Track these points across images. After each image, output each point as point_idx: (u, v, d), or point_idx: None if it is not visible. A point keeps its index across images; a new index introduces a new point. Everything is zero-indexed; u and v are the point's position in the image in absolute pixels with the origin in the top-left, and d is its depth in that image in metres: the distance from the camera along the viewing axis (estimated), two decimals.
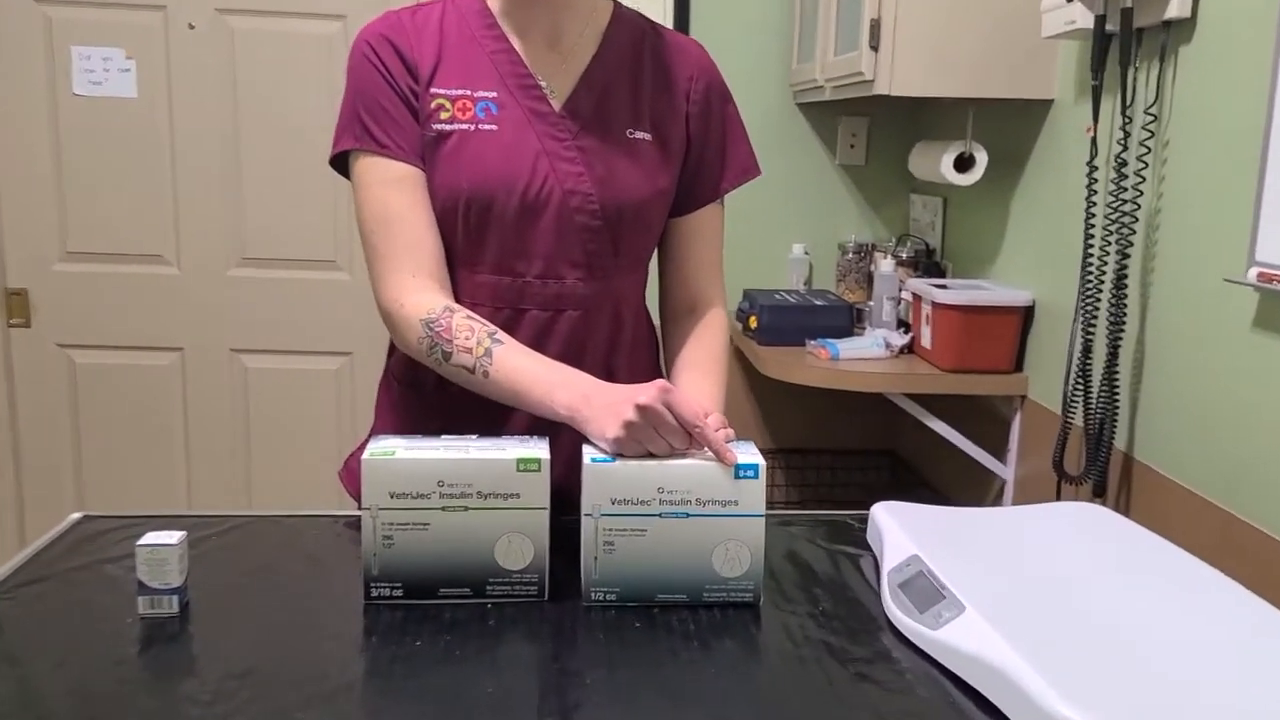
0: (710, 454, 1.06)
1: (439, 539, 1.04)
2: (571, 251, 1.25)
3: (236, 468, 2.77)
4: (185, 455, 2.76)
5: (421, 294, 1.20)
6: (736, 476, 1.04)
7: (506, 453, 1.05)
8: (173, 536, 1.02)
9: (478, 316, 1.19)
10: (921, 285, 2.14)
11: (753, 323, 2.33)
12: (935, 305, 2.08)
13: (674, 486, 1.04)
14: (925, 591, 1.02)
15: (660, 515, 1.04)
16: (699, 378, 1.30)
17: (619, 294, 1.31)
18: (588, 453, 1.07)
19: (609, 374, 1.30)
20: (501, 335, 1.17)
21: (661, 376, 1.40)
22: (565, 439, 1.26)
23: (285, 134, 2.64)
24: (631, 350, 1.34)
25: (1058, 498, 1.84)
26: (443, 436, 1.12)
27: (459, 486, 1.04)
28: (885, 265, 2.36)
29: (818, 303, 2.33)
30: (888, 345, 2.18)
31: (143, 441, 2.74)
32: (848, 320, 2.29)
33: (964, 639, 0.93)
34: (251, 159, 2.64)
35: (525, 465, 1.04)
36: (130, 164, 2.62)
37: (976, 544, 1.11)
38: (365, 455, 1.04)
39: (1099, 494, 1.69)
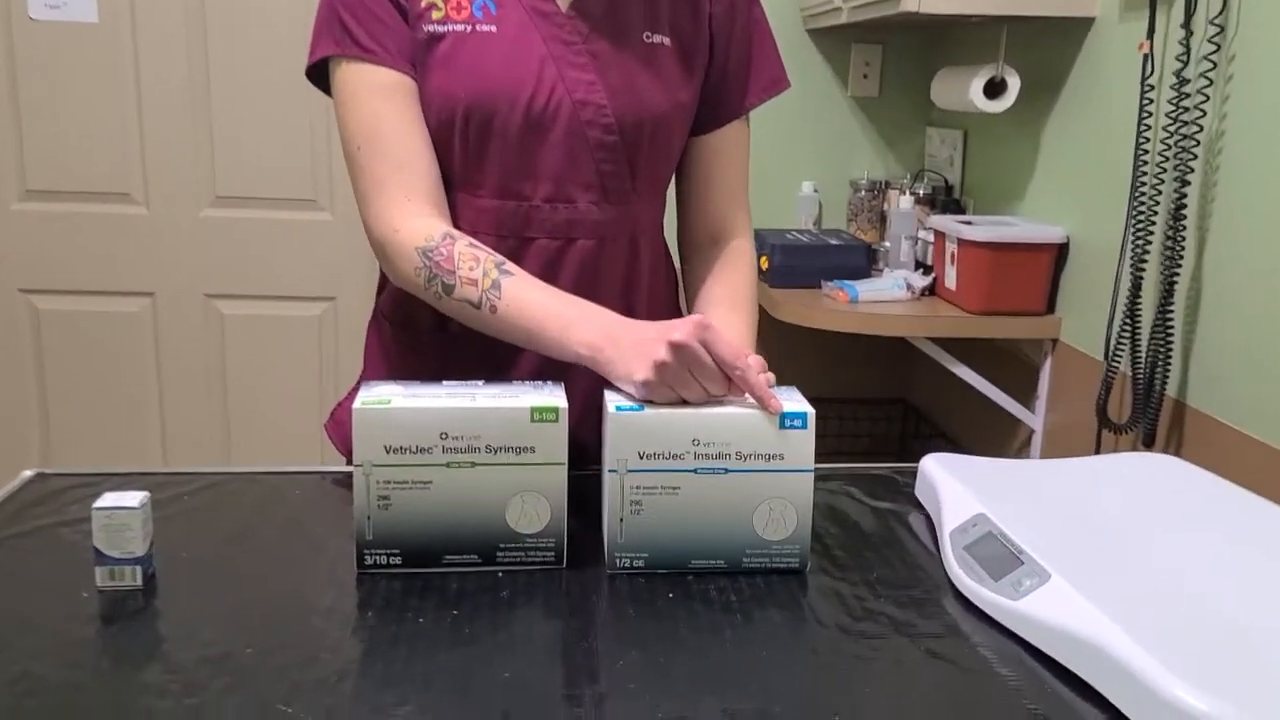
0: (751, 401, 0.93)
1: (443, 499, 0.91)
2: (583, 172, 1.11)
3: (214, 421, 2.63)
4: (159, 408, 2.61)
5: (418, 219, 1.06)
6: (782, 426, 0.91)
7: (519, 400, 0.92)
8: (134, 498, 0.88)
9: (482, 244, 1.05)
10: (946, 222, 2.01)
11: (763, 264, 2.19)
12: (961, 243, 1.95)
13: (711, 438, 0.91)
14: (998, 555, 0.90)
15: (695, 471, 0.91)
16: (727, 314, 1.17)
17: (636, 221, 1.17)
18: (611, 400, 0.93)
19: (626, 313, 1.16)
20: (510, 265, 1.03)
21: (680, 310, 1.27)
22: (580, 383, 1.13)
23: (260, 63, 2.46)
24: (650, 286, 1.20)
25: (1097, 448, 1.72)
26: (444, 383, 0.98)
27: (465, 439, 0.90)
28: (904, 202, 2.22)
29: (833, 242, 2.19)
30: (909, 287, 2.05)
31: (112, 394, 2.59)
32: (865, 261, 2.15)
33: (1052, 611, 0.81)
34: (224, 89, 2.46)
35: (541, 414, 0.91)
36: (92, 94, 2.44)
37: (1045, 500, 0.99)
38: (357, 404, 0.90)
39: (1148, 443, 1.57)
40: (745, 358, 0.92)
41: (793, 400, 0.94)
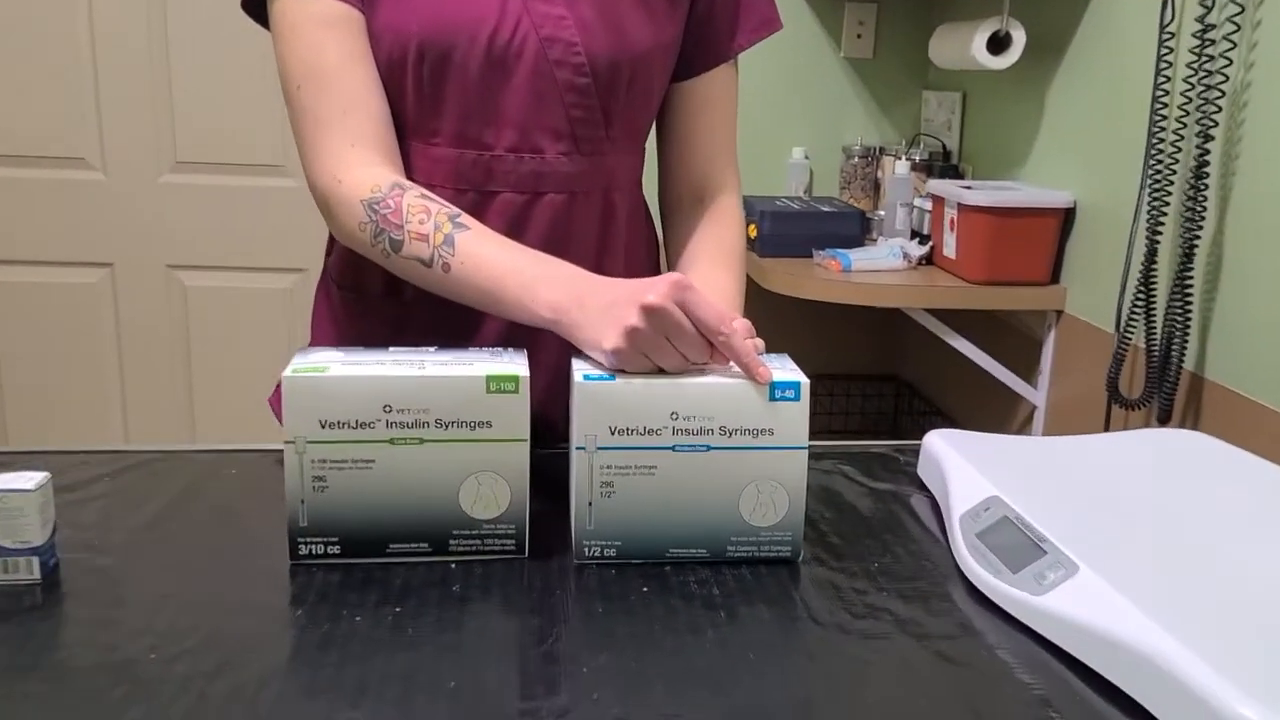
0: (737, 369, 0.82)
1: (387, 480, 0.80)
2: (552, 118, 1.00)
3: (177, 398, 2.51)
4: (119, 385, 2.49)
5: (364, 168, 0.94)
6: (772, 398, 0.80)
7: (474, 368, 0.81)
8: (31, 479, 0.77)
9: (435, 196, 0.94)
10: (946, 187, 1.90)
11: (751, 232, 2.08)
12: (962, 209, 1.84)
13: (692, 411, 0.80)
14: (1015, 544, 0.79)
15: (674, 449, 0.80)
16: (711, 270, 1.06)
17: (611, 176, 1.05)
18: (579, 368, 0.83)
19: (602, 273, 1.05)
20: (466, 219, 0.92)
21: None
22: (547, 349, 1.03)
23: (223, 19, 2.32)
24: (627, 248, 1.09)
25: (1107, 425, 1.62)
26: (391, 349, 0.87)
27: (412, 412, 0.79)
28: (899, 167, 2.11)
29: (825, 209, 2.08)
30: (905, 256, 1.94)
31: (70, 370, 2.47)
32: (859, 229, 2.04)
33: (1082, 607, 0.70)
34: (184, 47, 2.33)
35: (499, 384, 0.80)
36: (45, 52, 2.31)
37: (1063, 481, 0.89)
38: (287, 372, 0.79)
39: (1163, 419, 1.47)
40: (730, 321, 0.81)
41: (784, 369, 0.83)
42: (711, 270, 1.06)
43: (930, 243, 2.00)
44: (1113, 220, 1.71)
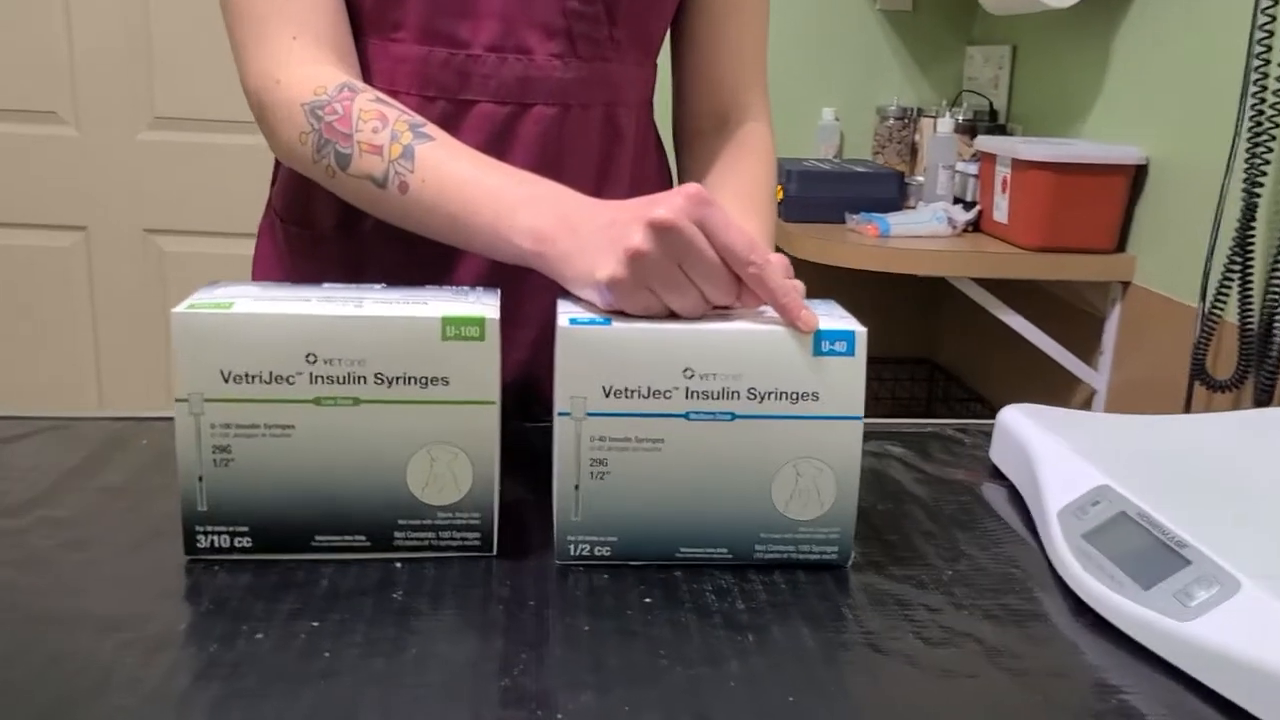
0: (772, 314, 0.63)
1: (311, 452, 0.61)
2: (542, 9, 0.80)
3: (154, 368, 2.33)
4: (94, 355, 2.31)
5: (308, 66, 0.75)
6: (818, 352, 0.61)
7: (427, 308, 0.62)
8: None
9: (394, 100, 0.75)
10: (997, 143, 1.70)
11: (778, 194, 1.88)
12: (1017, 166, 1.64)
13: (712, 367, 0.60)
14: (1142, 549, 0.60)
15: (687, 416, 0.61)
16: (733, 210, 0.86)
17: (616, 89, 0.86)
18: (565, 310, 0.63)
19: None
20: (432, 128, 0.73)
21: None
22: (535, 298, 0.84)
23: None
24: (634, 179, 0.90)
25: (1188, 409, 1.42)
26: (325, 284, 0.68)
27: (344, 363, 0.60)
28: (942, 125, 1.90)
29: (859, 170, 1.88)
30: (950, 221, 1.74)
31: (42, 337, 2.29)
32: (897, 192, 1.84)
33: (1250, 640, 0.51)
34: None
35: (458, 328, 0.61)
36: None
37: (1188, 469, 0.69)
38: (180, 308, 0.60)
39: (1262, 403, 1.27)
40: (763, 250, 0.62)
41: (833, 316, 0.64)
42: (734, 209, 0.87)
43: (977, 208, 1.80)
44: (1195, 179, 1.50)
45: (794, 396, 0.61)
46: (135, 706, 0.48)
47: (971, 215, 1.77)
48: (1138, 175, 1.62)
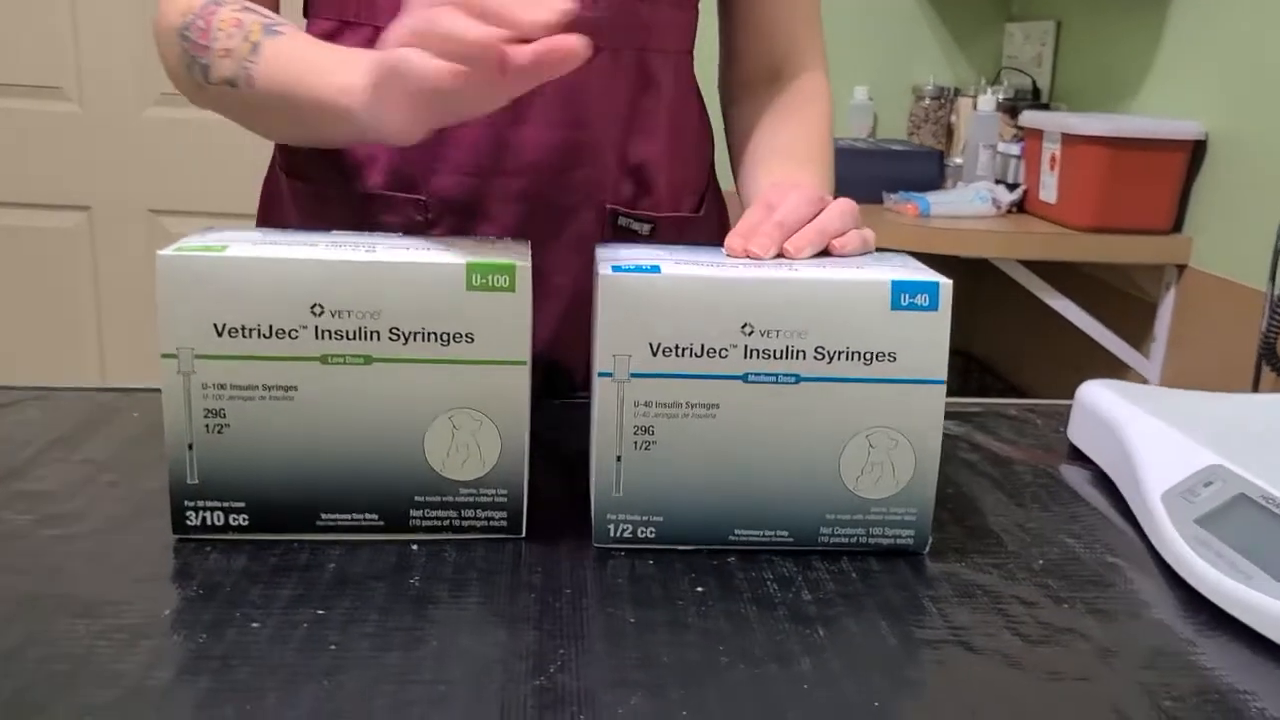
0: (843, 260, 0.56)
1: (317, 418, 0.54)
2: None
3: (158, 354, 2.26)
4: (97, 338, 2.25)
5: None
6: (896, 306, 0.53)
7: (450, 253, 0.54)
8: None
9: (261, 9, 0.69)
10: (1045, 118, 1.61)
11: None
12: (1068, 142, 1.56)
13: (775, 321, 0.53)
14: (1269, 534, 0.52)
15: (745, 378, 0.53)
16: (788, 166, 0.78)
17: (650, 32, 0.78)
18: (605, 257, 0.56)
19: (636, 169, 0.78)
20: (288, 26, 0.68)
21: (714, 180, 0.89)
22: (562, 266, 0.77)
23: None
24: (671, 131, 0.82)
25: None
26: (335, 231, 0.61)
27: (355, 316, 0.53)
28: (983, 103, 1.82)
29: (896, 148, 1.80)
30: (994, 201, 1.66)
31: (44, 320, 2.22)
32: (937, 170, 1.76)
33: None
34: None
35: (486, 276, 0.53)
36: None
37: None
38: (166, 250, 0.53)
39: None
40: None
41: (908, 268, 0.56)
42: (789, 165, 0.79)
43: (1022, 188, 1.71)
44: (1261, 155, 1.42)
45: (867, 357, 0.53)
46: (108, 703, 0.41)
47: (1016, 195, 1.69)
48: (1195, 152, 1.53)
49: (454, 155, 0.72)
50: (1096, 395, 0.72)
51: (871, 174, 1.75)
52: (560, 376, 0.81)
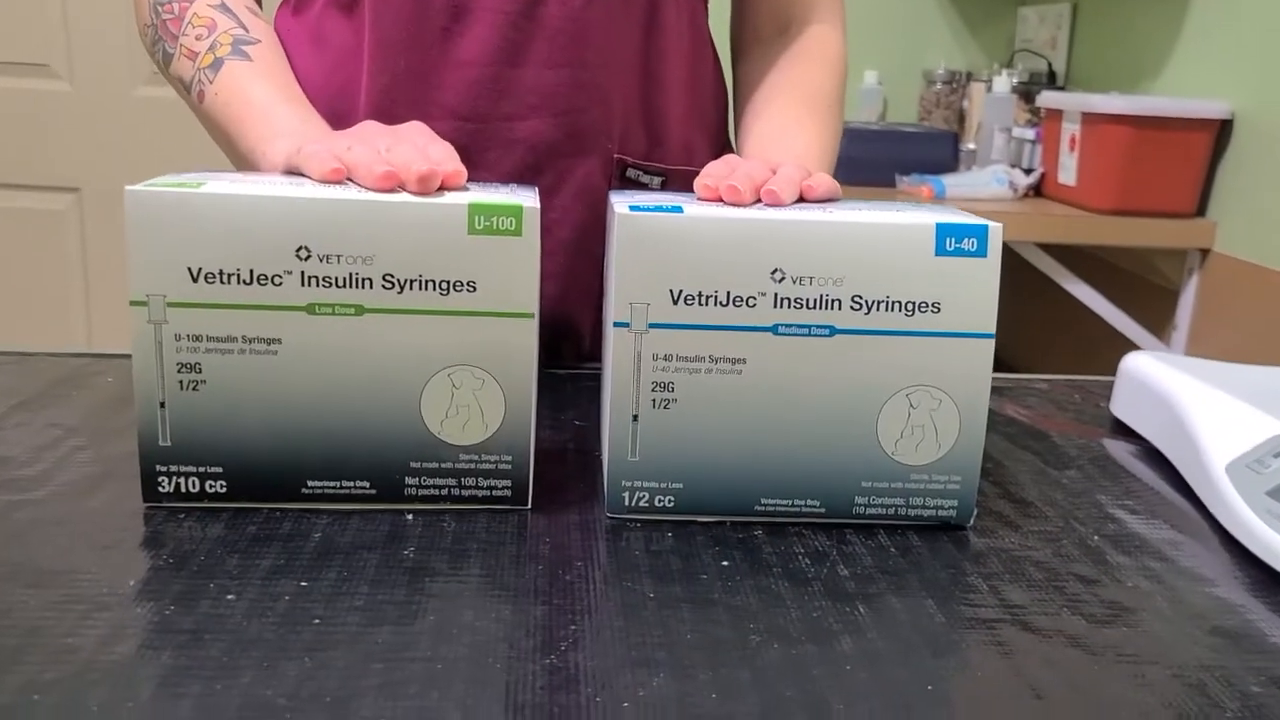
0: (885, 205, 0.50)
1: (302, 374, 0.49)
2: None
3: None
4: (85, 322, 2.19)
5: None
6: (941, 251, 0.48)
7: (449, 193, 0.50)
8: None
9: (242, 12, 0.67)
10: (1067, 98, 1.57)
11: None
12: (1089, 122, 1.51)
13: (808, 268, 0.48)
14: None
15: (775, 330, 0.48)
16: (788, 116, 0.74)
17: None
18: (620, 200, 0.51)
19: (645, 111, 0.73)
20: (259, 48, 0.66)
21: (729, 141, 0.84)
22: (564, 220, 0.72)
23: None
24: (689, 84, 0.77)
25: None
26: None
27: (345, 261, 0.48)
28: (998, 84, 1.77)
29: (909, 130, 1.75)
30: (1011, 184, 1.61)
31: (33, 307, 2.17)
32: (951, 153, 1.71)
33: None
34: None
35: (490, 218, 0.48)
36: None
37: None
38: (136, 186, 0.48)
39: None
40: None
41: (946, 212, 0.51)
42: (790, 113, 0.74)
43: (1039, 171, 1.66)
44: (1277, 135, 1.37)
45: (909, 307, 0.49)
46: (56, 679, 0.36)
47: (1033, 179, 1.64)
48: (1220, 133, 1.48)
49: (447, 98, 0.67)
50: (1145, 366, 0.67)
51: (883, 156, 1.70)
52: (566, 343, 0.76)
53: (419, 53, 0.67)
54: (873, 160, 1.69)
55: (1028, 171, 1.71)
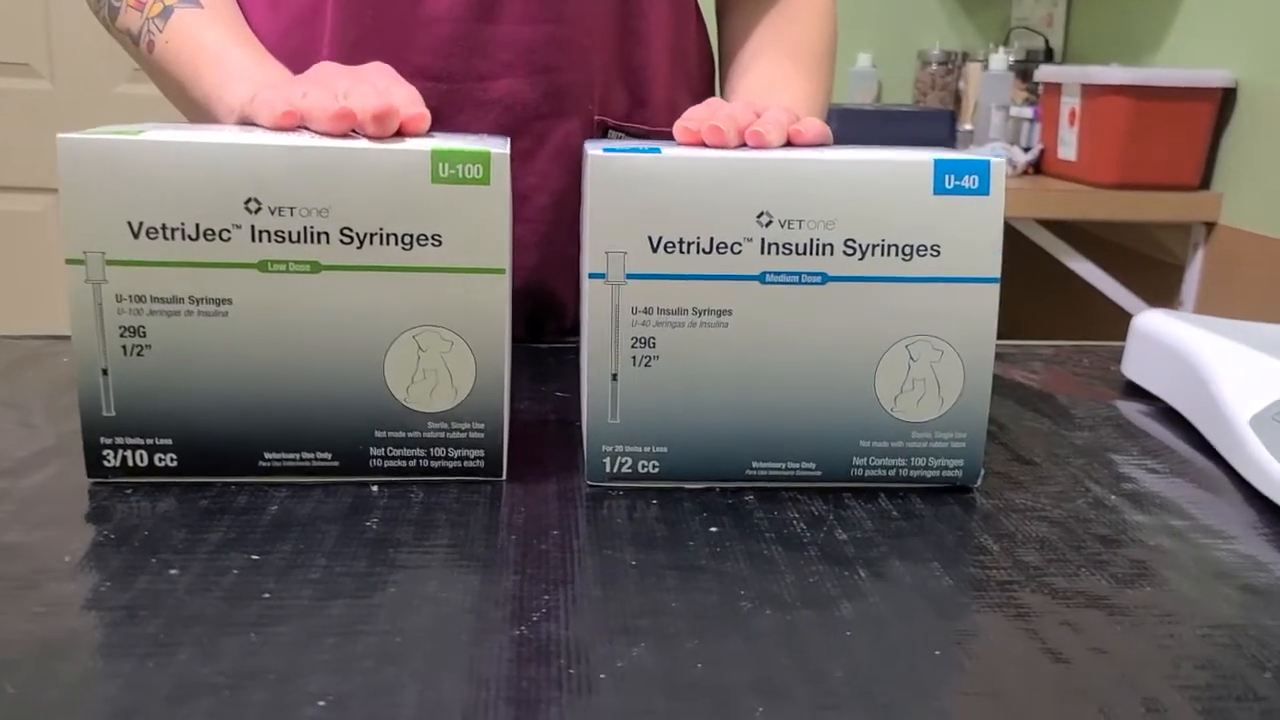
0: (878, 149, 0.47)
1: (256, 339, 0.46)
2: None
3: None
4: (65, 328, 2.15)
5: None
6: (939, 190, 0.45)
7: (411, 139, 0.46)
8: None
9: None
10: (1066, 71, 1.53)
11: None
12: (1089, 94, 1.47)
13: (798, 210, 0.44)
14: None
15: (763, 278, 0.45)
16: (777, 68, 0.70)
17: None
18: (594, 146, 0.47)
19: (626, 69, 0.70)
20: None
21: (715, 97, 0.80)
22: (541, 182, 0.69)
23: None
24: (669, 37, 0.73)
25: None
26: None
27: (299, 214, 0.45)
28: (995, 62, 1.74)
29: (906, 109, 1.72)
30: (1010, 161, 1.58)
31: (11, 311, 2.14)
32: (948, 131, 1.68)
33: None
34: None
35: (455, 166, 0.45)
36: None
37: None
38: (69, 133, 0.45)
39: None
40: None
41: (951, 151, 0.48)
42: (777, 67, 0.71)
43: (1039, 148, 1.63)
44: None
45: (906, 251, 0.45)
46: (47, 652, 0.32)
47: (1032, 155, 1.61)
48: (1224, 103, 1.45)
49: (417, 58, 0.63)
50: (1158, 324, 0.63)
51: (881, 135, 1.66)
52: (548, 318, 0.73)
53: (385, 9, 0.64)
54: (869, 139, 1.65)
55: (1026, 150, 1.68)
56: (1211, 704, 0.32)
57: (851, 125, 1.67)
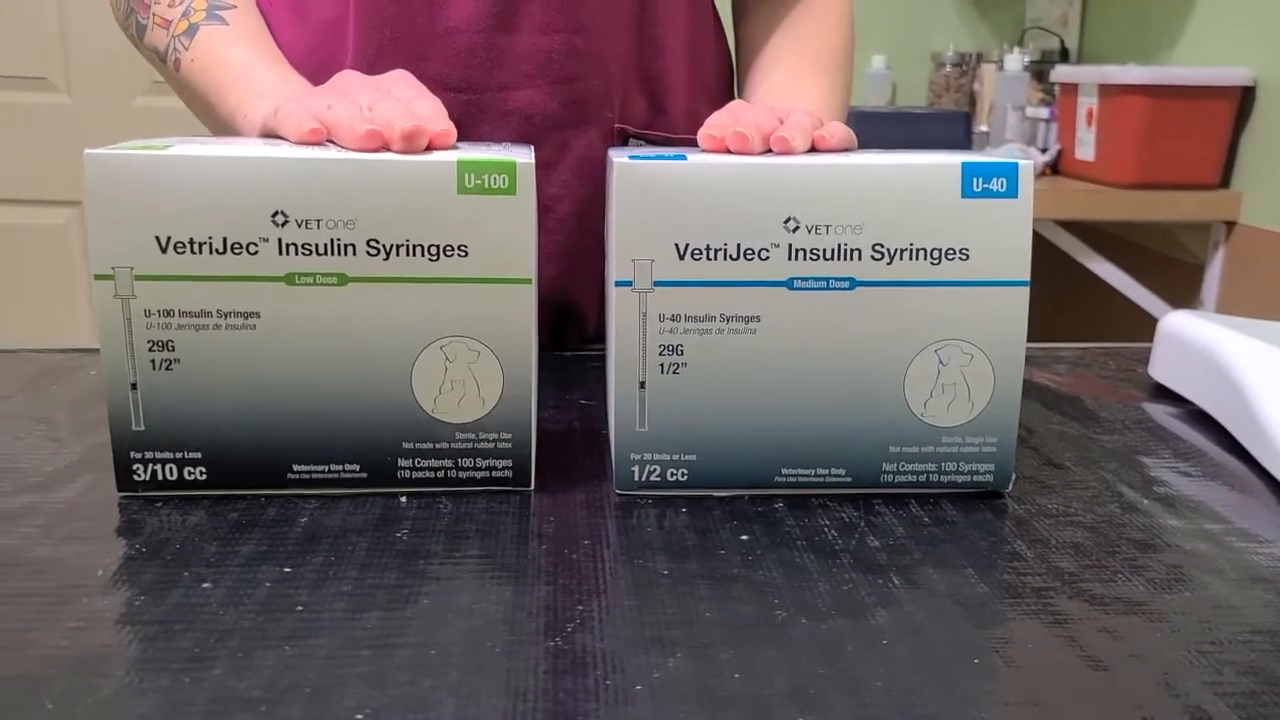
0: (908, 155, 0.47)
1: (284, 352, 0.46)
2: None
3: None
4: (89, 341, 2.17)
5: None
6: (968, 193, 0.45)
7: (437, 153, 0.46)
8: None
9: None
10: (1084, 71, 1.52)
11: None
12: (1106, 94, 1.46)
13: (825, 215, 0.44)
14: None
15: (790, 284, 0.45)
16: (794, 77, 0.70)
17: None
18: (619, 154, 0.47)
19: (645, 77, 0.70)
20: (234, 13, 0.63)
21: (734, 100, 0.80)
22: (565, 195, 0.69)
23: None
24: (687, 46, 0.73)
25: None
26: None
27: (326, 226, 0.45)
28: (1010, 62, 1.73)
29: (921, 111, 1.71)
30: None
31: (33, 324, 2.15)
32: (964, 133, 1.67)
33: None
34: None
35: (481, 176, 0.45)
36: None
37: None
38: (95, 149, 0.45)
39: None
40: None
41: (972, 153, 0.48)
42: (796, 71, 0.70)
43: (1056, 148, 1.62)
44: None
45: (935, 255, 0.45)
46: (8, 675, 0.32)
47: (1049, 156, 1.60)
48: (1243, 101, 1.44)
49: (436, 69, 0.64)
50: (1188, 326, 0.63)
51: (896, 136, 1.66)
52: (570, 326, 0.73)
53: (406, 21, 0.64)
54: (884, 142, 1.65)
55: (1043, 150, 1.67)
56: (1256, 711, 0.32)
57: (867, 128, 1.67)
